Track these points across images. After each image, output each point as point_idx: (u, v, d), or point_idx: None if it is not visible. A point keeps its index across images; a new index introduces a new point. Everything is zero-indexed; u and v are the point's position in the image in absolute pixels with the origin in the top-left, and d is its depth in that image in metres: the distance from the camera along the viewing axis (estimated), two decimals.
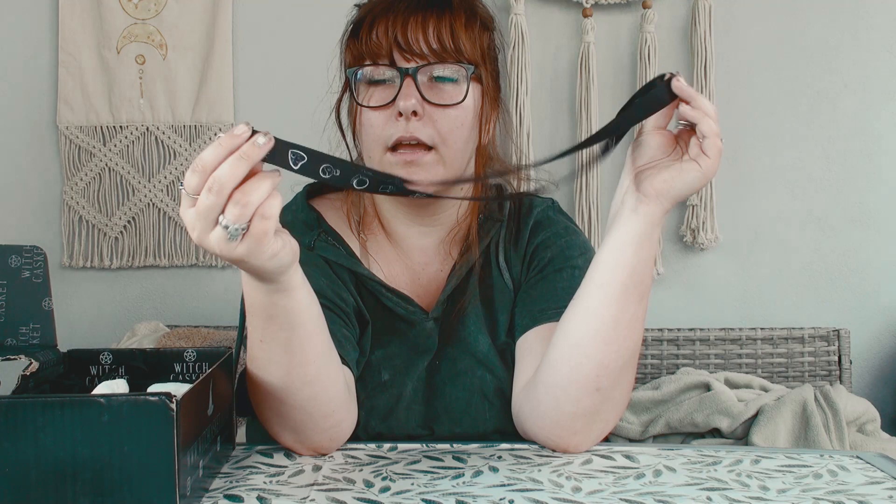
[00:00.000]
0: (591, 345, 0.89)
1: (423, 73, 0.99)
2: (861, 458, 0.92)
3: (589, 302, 0.90)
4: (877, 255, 2.31)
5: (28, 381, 0.88)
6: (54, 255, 2.25)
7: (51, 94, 2.28)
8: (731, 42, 2.27)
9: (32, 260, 0.94)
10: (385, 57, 1.00)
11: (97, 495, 0.68)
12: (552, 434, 0.94)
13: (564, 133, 2.28)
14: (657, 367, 2.18)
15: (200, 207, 0.69)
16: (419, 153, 0.99)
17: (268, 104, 2.26)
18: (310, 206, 1.12)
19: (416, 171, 0.99)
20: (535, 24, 2.24)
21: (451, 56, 1.00)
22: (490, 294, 1.10)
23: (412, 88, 0.98)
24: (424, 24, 0.99)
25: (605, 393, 0.91)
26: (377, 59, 1.00)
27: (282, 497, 0.78)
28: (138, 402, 0.68)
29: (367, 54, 1.01)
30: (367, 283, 1.06)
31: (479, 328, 1.07)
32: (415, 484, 0.82)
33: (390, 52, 0.99)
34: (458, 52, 1.00)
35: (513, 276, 1.11)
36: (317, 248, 1.05)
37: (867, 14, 2.28)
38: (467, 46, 1.01)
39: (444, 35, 0.99)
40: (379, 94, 1.01)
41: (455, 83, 1.00)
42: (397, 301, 1.06)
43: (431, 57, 0.99)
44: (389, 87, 1.00)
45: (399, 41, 0.99)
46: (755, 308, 2.31)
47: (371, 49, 1.00)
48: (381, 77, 1.01)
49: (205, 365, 0.95)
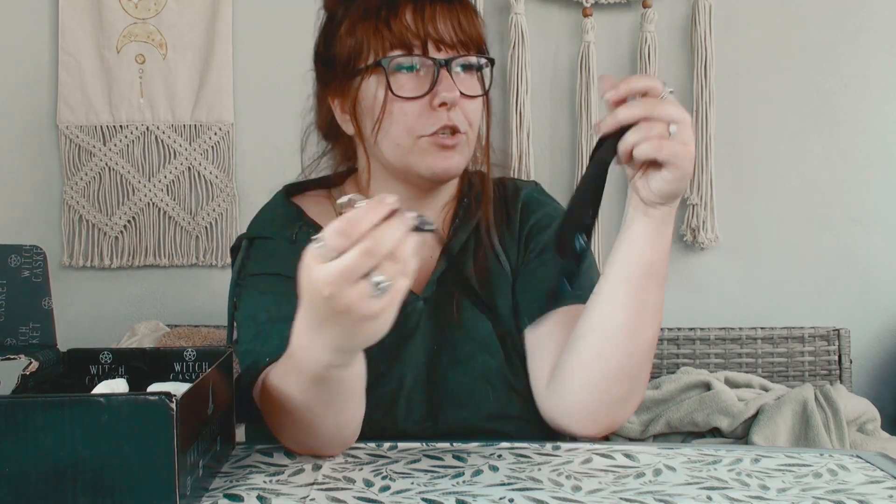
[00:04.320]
0: (619, 336, 0.94)
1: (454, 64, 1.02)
2: (861, 458, 0.92)
3: (613, 296, 0.94)
4: (877, 254, 2.31)
5: (28, 380, 0.88)
6: (54, 254, 2.25)
7: (51, 93, 2.28)
8: (731, 42, 2.26)
9: (32, 259, 0.94)
10: (419, 47, 1.01)
11: (97, 495, 0.68)
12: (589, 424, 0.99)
13: (564, 133, 2.28)
14: (657, 367, 2.18)
15: (348, 265, 0.67)
16: (458, 137, 1.03)
17: (268, 104, 2.26)
18: (291, 202, 1.12)
19: (452, 154, 1.03)
20: (535, 23, 2.24)
21: (476, 47, 1.04)
22: (488, 278, 1.10)
23: (451, 80, 1.01)
24: (451, 14, 1.02)
25: (635, 377, 0.96)
26: (410, 49, 1.01)
27: (282, 496, 0.78)
28: (138, 401, 0.68)
29: (397, 44, 1.01)
30: None
31: (478, 313, 1.07)
32: (415, 483, 0.82)
33: (425, 41, 1.01)
34: (479, 40, 1.05)
35: (510, 259, 1.11)
36: (298, 240, 1.05)
37: (867, 14, 2.28)
38: (482, 37, 1.06)
39: (468, 26, 1.04)
40: (410, 83, 1.01)
41: (477, 73, 1.05)
42: None
43: (460, 48, 1.03)
44: (419, 77, 1.01)
45: (431, 32, 1.01)
46: (755, 307, 2.31)
47: (404, 38, 1.01)
48: (411, 65, 1.02)
49: (205, 364, 0.95)
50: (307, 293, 0.70)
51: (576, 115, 2.24)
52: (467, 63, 1.03)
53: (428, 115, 1.01)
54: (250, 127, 2.29)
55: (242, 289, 1.04)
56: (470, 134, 1.04)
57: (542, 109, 2.26)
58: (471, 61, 1.04)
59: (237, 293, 1.05)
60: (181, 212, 2.29)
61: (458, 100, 1.01)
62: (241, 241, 1.09)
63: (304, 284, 0.69)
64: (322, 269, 0.68)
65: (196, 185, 2.30)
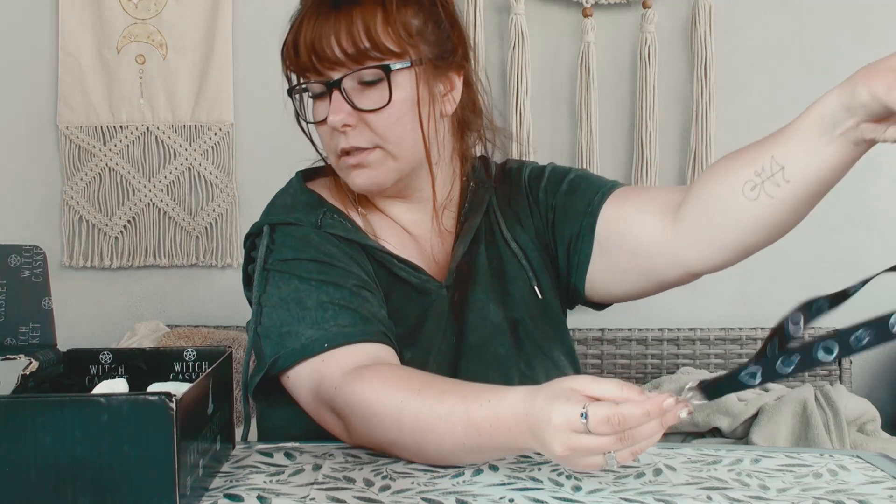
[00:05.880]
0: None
1: (350, 78, 0.99)
2: (861, 458, 0.92)
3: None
4: (877, 255, 2.31)
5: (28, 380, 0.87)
6: (54, 254, 2.25)
7: (51, 93, 2.28)
8: (731, 42, 2.27)
9: (32, 259, 0.94)
10: (311, 70, 1.00)
11: (97, 495, 0.68)
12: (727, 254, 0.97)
13: (565, 133, 2.28)
14: (657, 367, 2.18)
15: (598, 445, 0.71)
16: (363, 155, 1.00)
17: (268, 104, 2.25)
18: (308, 188, 1.11)
19: (366, 171, 1.02)
20: (535, 23, 2.24)
21: (369, 57, 0.98)
22: (500, 265, 1.10)
23: (340, 101, 0.98)
24: (336, 29, 0.98)
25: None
26: (305, 73, 1.01)
27: (282, 496, 0.78)
28: (138, 401, 0.68)
29: (296, 71, 1.02)
30: (378, 255, 1.05)
31: (490, 298, 1.07)
32: (415, 483, 0.82)
33: (314, 64, 0.99)
34: (376, 48, 0.98)
35: (520, 243, 1.10)
36: (324, 225, 1.04)
37: (867, 14, 2.28)
38: (388, 37, 0.98)
39: (357, 36, 0.97)
40: (319, 106, 1.02)
41: (382, 82, 0.99)
42: (410, 271, 1.05)
43: (350, 63, 0.98)
44: (325, 98, 1.01)
45: (317, 52, 0.98)
46: (755, 308, 2.31)
47: (298, 65, 1.01)
48: (316, 91, 1.02)
49: (205, 364, 0.95)
50: (547, 435, 0.72)
51: (576, 116, 2.24)
52: (360, 78, 0.99)
53: (331, 137, 1.02)
54: (250, 127, 2.30)
55: (272, 274, 1.01)
56: (387, 146, 1.00)
57: (542, 110, 2.26)
58: (362, 76, 0.98)
59: (264, 277, 1.02)
60: (181, 212, 2.30)
61: (356, 118, 0.98)
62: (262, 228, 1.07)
63: (548, 429, 0.72)
64: (572, 436, 0.71)
65: (196, 186, 2.30)
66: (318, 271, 0.99)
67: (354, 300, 0.97)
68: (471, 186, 1.13)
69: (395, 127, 1.00)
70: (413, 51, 1.00)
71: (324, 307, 0.96)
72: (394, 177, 1.03)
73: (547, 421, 0.72)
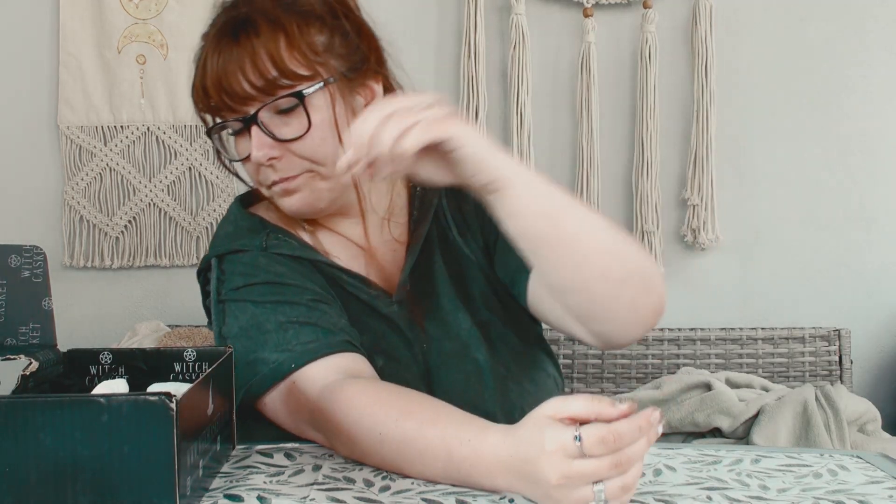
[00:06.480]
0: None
1: (266, 110, 0.97)
2: (861, 458, 0.91)
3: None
4: (877, 255, 2.31)
5: (28, 380, 0.88)
6: (55, 254, 2.25)
7: (51, 94, 2.28)
8: (731, 42, 2.27)
9: (32, 259, 0.94)
10: (224, 109, 0.98)
11: (97, 495, 0.68)
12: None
13: (565, 133, 2.28)
14: (658, 367, 2.18)
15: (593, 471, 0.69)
16: (291, 181, 0.99)
17: None
18: (248, 213, 1.10)
19: (297, 196, 1.00)
20: (535, 24, 2.24)
21: (279, 86, 0.96)
22: (458, 270, 1.08)
23: (260, 135, 0.97)
24: (241, 63, 0.95)
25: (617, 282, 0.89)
26: (219, 113, 0.99)
27: (282, 496, 0.78)
28: (138, 401, 0.68)
29: (209, 112, 1.00)
30: (327, 270, 1.04)
31: (457, 306, 1.05)
32: (415, 483, 0.82)
33: (226, 103, 0.97)
34: (285, 75, 0.96)
35: (469, 244, 1.08)
36: (269, 247, 1.03)
37: (868, 14, 2.28)
38: (294, 61, 0.96)
39: (263, 66, 0.95)
40: (241, 143, 1.01)
41: (298, 108, 0.97)
42: (360, 286, 1.04)
43: (261, 96, 0.96)
44: (245, 134, 0.99)
45: (226, 90, 0.96)
46: (756, 308, 2.31)
47: (210, 107, 1.00)
48: (235, 128, 1.00)
49: (205, 365, 0.95)
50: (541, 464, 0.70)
51: (576, 116, 2.24)
52: (275, 108, 0.97)
53: (258, 172, 1.01)
54: None
55: (228, 304, 1.01)
56: (316, 169, 0.99)
57: (542, 110, 2.26)
58: (278, 106, 0.96)
59: (220, 310, 1.01)
60: (182, 212, 2.30)
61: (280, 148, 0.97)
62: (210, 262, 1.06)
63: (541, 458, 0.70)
64: (567, 463, 0.69)
65: (197, 186, 2.30)
66: (272, 293, 0.98)
67: (313, 314, 0.96)
68: (418, 191, 1.10)
69: (319, 150, 0.98)
70: (324, 69, 0.98)
71: (284, 328, 0.95)
72: (327, 197, 1.02)
73: (540, 450, 0.71)
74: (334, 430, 0.88)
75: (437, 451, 0.80)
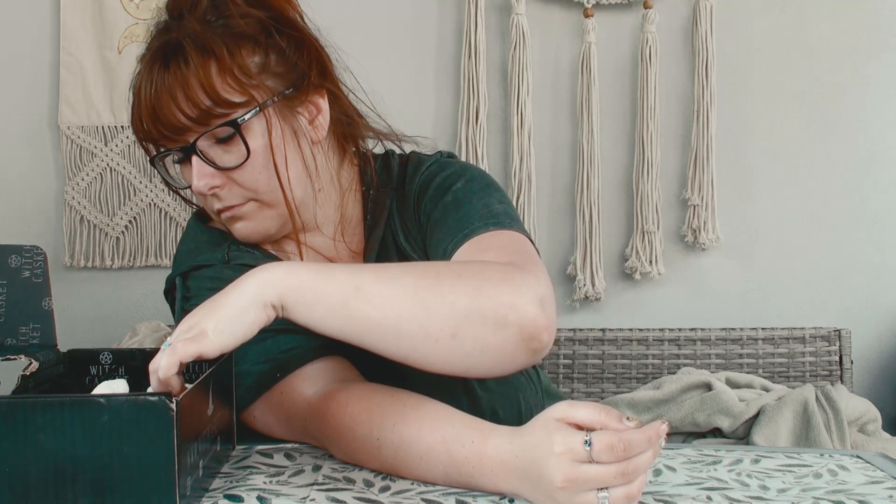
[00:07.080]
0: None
1: (204, 139, 0.94)
2: (861, 458, 0.92)
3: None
4: (877, 255, 2.31)
5: (28, 381, 0.88)
6: (55, 254, 2.25)
7: (52, 94, 2.28)
8: (732, 42, 2.26)
9: (32, 259, 0.94)
10: (162, 139, 0.96)
11: (97, 495, 0.68)
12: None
13: (565, 133, 2.28)
14: (658, 367, 2.18)
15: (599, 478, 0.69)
16: (237, 209, 0.98)
17: None
18: (207, 227, 1.09)
19: (244, 223, 0.99)
20: (535, 24, 2.24)
21: (214, 115, 0.93)
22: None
23: (201, 165, 0.95)
24: (173, 92, 0.92)
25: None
26: (158, 143, 0.97)
27: (282, 497, 0.78)
28: (138, 402, 0.68)
29: (148, 141, 0.98)
30: None
31: None
32: (415, 483, 0.82)
33: (162, 133, 0.95)
34: (218, 103, 0.93)
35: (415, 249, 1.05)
36: (232, 258, 1.01)
37: (868, 14, 2.27)
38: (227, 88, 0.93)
39: (195, 96, 0.92)
40: (185, 170, 0.99)
41: (236, 137, 0.94)
42: None
43: (196, 126, 0.93)
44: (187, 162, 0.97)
45: (160, 121, 0.94)
46: (756, 308, 2.31)
47: (148, 137, 0.97)
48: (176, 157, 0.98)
49: (205, 365, 0.95)
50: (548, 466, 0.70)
51: (577, 116, 2.24)
52: (213, 136, 0.94)
53: (204, 199, 1.00)
54: None
55: None
56: (260, 197, 0.97)
57: (542, 110, 2.26)
58: (215, 135, 0.94)
59: None
60: (182, 212, 2.30)
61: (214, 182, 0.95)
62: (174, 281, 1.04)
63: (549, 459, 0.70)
64: (574, 466, 0.69)
65: None
66: None
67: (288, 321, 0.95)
68: (371, 195, 1.08)
69: (261, 177, 0.96)
70: (259, 92, 0.95)
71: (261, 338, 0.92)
72: (276, 223, 1.00)
73: (548, 451, 0.70)
74: (330, 437, 0.88)
75: (438, 454, 0.79)
